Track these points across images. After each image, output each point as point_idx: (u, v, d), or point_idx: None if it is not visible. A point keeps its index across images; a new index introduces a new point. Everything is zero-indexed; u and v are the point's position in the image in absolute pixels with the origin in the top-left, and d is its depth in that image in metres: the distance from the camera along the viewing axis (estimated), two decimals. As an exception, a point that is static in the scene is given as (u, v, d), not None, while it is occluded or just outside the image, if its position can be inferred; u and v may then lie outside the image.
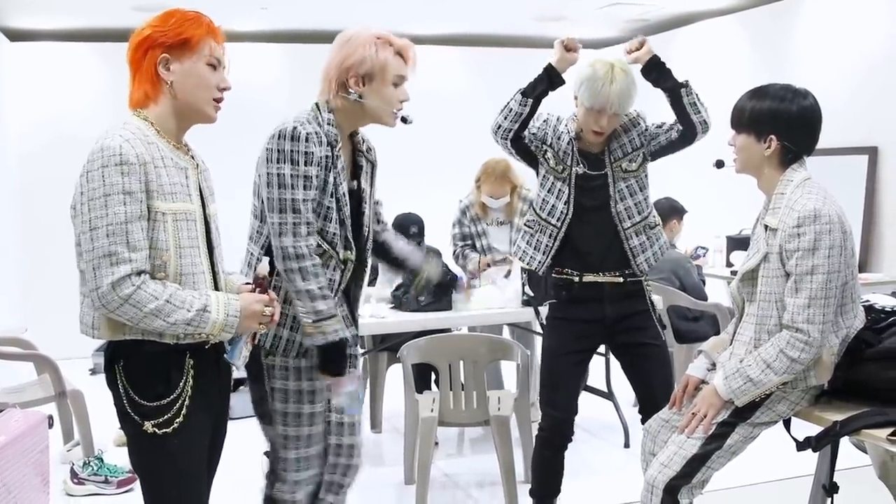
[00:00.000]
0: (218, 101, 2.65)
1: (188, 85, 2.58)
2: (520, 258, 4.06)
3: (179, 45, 2.56)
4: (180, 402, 2.55)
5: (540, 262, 3.96)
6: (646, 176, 3.92)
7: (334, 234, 3.14)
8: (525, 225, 4.04)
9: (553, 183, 3.91)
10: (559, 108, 3.98)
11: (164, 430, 2.53)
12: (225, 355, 2.65)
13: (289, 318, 3.14)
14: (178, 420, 2.54)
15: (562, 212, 3.88)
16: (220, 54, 2.63)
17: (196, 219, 2.59)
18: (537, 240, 3.97)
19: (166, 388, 2.54)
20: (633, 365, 4.01)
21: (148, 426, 2.52)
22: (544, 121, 3.95)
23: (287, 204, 3.02)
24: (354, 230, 3.23)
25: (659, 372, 3.94)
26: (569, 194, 3.87)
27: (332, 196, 3.11)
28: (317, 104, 3.18)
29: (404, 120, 3.22)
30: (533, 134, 3.93)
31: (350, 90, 3.12)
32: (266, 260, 2.78)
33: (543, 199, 3.94)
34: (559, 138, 3.90)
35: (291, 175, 3.02)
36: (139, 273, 2.41)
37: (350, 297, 3.34)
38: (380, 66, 3.11)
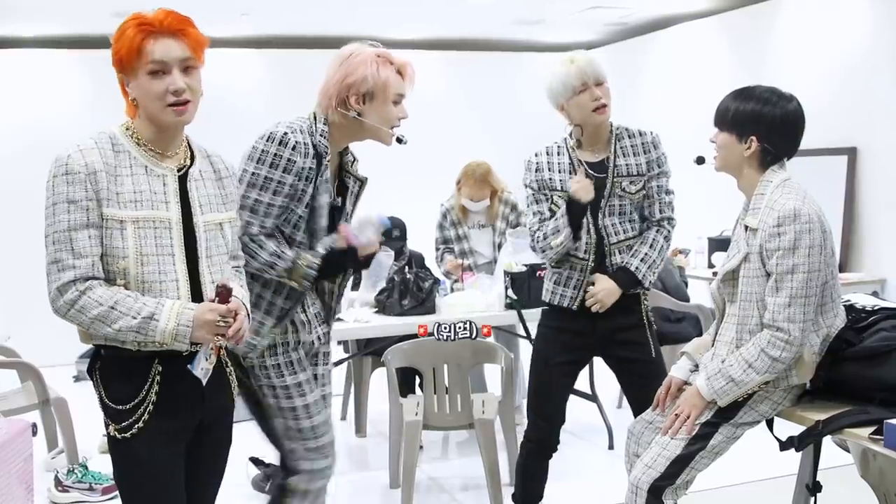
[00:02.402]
0: (173, 104, 2.54)
1: (143, 99, 2.55)
2: (549, 300, 3.91)
3: (120, 63, 2.54)
4: (142, 408, 2.55)
5: (572, 297, 3.83)
6: (642, 199, 3.83)
7: (301, 243, 3.18)
8: (552, 266, 3.90)
9: None
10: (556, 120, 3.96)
11: (124, 435, 2.54)
12: (188, 366, 2.63)
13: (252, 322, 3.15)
14: (137, 425, 2.54)
15: (587, 243, 3.78)
16: (162, 55, 2.52)
17: (171, 227, 2.56)
18: (567, 276, 3.84)
19: (129, 393, 2.55)
20: (627, 381, 3.97)
21: (111, 429, 2.56)
22: (536, 170, 3.84)
23: (248, 202, 3.07)
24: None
25: (652, 389, 3.65)
26: (587, 223, 3.76)
27: (306, 206, 3.14)
28: (314, 114, 3.20)
29: (399, 140, 3.25)
30: (542, 192, 3.84)
31: (350, 108, 3.15)
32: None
33: None
34: (560, 170, 3.79)
35: (266, 177, 3.06)
36: (85, 279, 2.44)
37: (325, 296, 3.37)
38: (381, 85, 3.16)
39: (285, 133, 3.06)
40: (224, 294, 2.59)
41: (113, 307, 2.44)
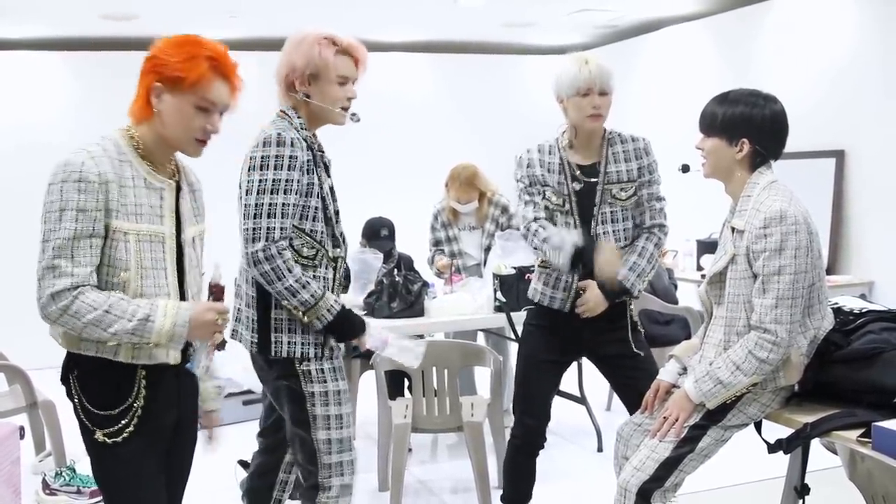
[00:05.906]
0: (201, 140, 2.61)
1: (172, 120, 2.56)
2: (538, 301, 3.92)
3: (174, 80, 2.53)
4: (131, 413, 2.55)
5: (563, 299, 3.84)
6: (634, 207, 3.82)
7: (322, 233, 3.19)
8: (539, 266, 3.93)
9: (558, 219, 3.80)
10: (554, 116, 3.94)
11: (115, 440, 2.54)
12: (187, 365, 2.64)
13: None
14: (128, 430, 2.54)
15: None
16: (218, 97, 2.58)
17: (164, 241, 2.58)
18: (555, 278, 3.85)
19: (116, 398, 2.55)
20: (615, 379, 3.98)
21: (99, 435, 2.55)
22: (528, 166, 3.84)
23: (263, 209, 3.06)
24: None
25: (642, 385, 3.60)
26: (575, 224, 3.77)
27: (317, 196, 3.15)
28: (283, 111, 3.24)
29: (353, 117, 3.28)
30: (534, 187, 3.83)
31: (297, 90, 3.21)
32: (221, 267, 2.79)
33: None
34: (550, 170, 3.80)
35: (274, 180, 3.06)
36: (78, 287, 2.42)
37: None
38: (322, 66, 3.20)
39: (279, 133, 3.08)
40: (218, 292, 2.62)
41: (108, 311, 2.43)
